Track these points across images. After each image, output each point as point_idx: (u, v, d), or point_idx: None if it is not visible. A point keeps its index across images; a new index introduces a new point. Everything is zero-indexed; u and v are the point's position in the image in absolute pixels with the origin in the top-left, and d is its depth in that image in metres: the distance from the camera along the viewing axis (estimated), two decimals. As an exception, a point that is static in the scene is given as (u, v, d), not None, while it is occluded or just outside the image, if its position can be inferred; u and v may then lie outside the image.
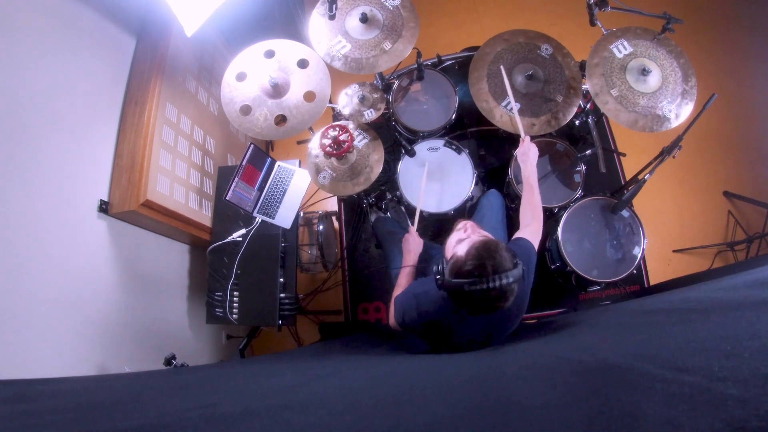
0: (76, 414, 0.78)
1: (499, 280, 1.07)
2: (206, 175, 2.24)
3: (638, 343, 0.84)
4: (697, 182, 2.69)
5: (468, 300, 1.12)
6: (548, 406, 0.61)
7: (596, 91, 1.70)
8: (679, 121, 1.66)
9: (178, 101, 2.04)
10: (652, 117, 1.66)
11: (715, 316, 0.82)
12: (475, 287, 1.08)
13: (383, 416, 0.69)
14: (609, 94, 1.69)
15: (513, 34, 1.92)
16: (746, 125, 2.77)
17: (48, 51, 1.54)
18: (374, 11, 1.79)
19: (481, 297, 1.09)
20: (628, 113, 1.67)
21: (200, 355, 2.35)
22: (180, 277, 2.25)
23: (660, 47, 1.72)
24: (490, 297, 1.09)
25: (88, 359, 1.60)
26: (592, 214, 1.92)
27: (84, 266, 1.63)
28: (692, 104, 1.68)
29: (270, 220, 2.10)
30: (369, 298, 2.64)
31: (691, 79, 1.69)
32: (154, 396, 0.95)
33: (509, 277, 1.08)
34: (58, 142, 1.56)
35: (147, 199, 1.74)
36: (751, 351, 0.56)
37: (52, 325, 1.47)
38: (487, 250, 1.12)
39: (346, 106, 1.94)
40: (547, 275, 2.17)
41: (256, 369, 1.38)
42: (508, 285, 1.08)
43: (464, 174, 2.00)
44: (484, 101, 1.84)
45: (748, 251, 2.48)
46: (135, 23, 2.00)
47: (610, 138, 2.69)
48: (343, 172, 1.91)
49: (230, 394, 0.95)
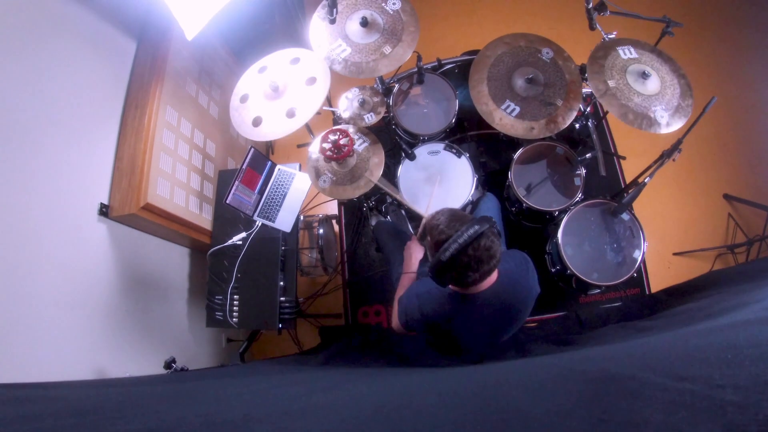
0: (76, 419, 0.78)
1: (464, 234, 1.09)
2: (206, 178, 2.25)
3: (640, 353, 0.84)
4: (697, 185, 2.69)
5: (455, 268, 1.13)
6: (549, 413, 0.60)
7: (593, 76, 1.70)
8: (668, 128, 1.65)
9: (178, 105, 2.05)
10: (643, 115, 1.66)
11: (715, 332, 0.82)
12: (448, 252, 1.09)
13: (384, 423, 0.69)
14: (605, 82, 1.69)
15: (514, 37, 1.92)
16: (746, 128, 2.77)
17: (49, 54, 1.54)
18: (374, 15, 1.80)
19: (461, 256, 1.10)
20: (621, 104, 1.67)
21: (200, 359, 2.35)
22: (180, 280, 2.25)
23: (664, 63, 1.72)
24: (469, 253, 1.10)
25: (88, 362, 1.60)
26: (592, 217, 1.92)
27: (84, 269, 1.63)
28: (684, 120, 1.66)
29: (270, 223, 2.10)
30: (369, 301, 2.63)
31: (688, 100, 1.68)
32: (155, 401, 0.95)
33: (474, 226, 1.10)
34: (58, 146, 1.56)
35: (147, 202, 1.74)
36: (752, 359, 0.57)
37: (53, 328, 1.47)
38: (442, 218, 1.18)
39: (347, 110, 1.94)
40: (548, 279, 2.17)
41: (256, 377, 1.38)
42: (476, 232, 1.09)
43: (464, 178, 2.00)
44: (484, 104, 1.84)
45: (748, 254, 2.48)
46: (135, 27, 2.01)
47: (610, 141, 2.69)
48: (343, 175, 1.91)
49: (230, 401, 0.95)
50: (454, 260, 1.10)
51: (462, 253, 1.10)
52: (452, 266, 1.12)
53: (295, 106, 1.82)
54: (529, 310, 1.32)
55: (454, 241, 1.09)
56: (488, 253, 1.12)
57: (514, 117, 1.81)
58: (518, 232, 2.28)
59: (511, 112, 1.81)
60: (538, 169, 2.04)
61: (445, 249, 1.10)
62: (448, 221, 1.16)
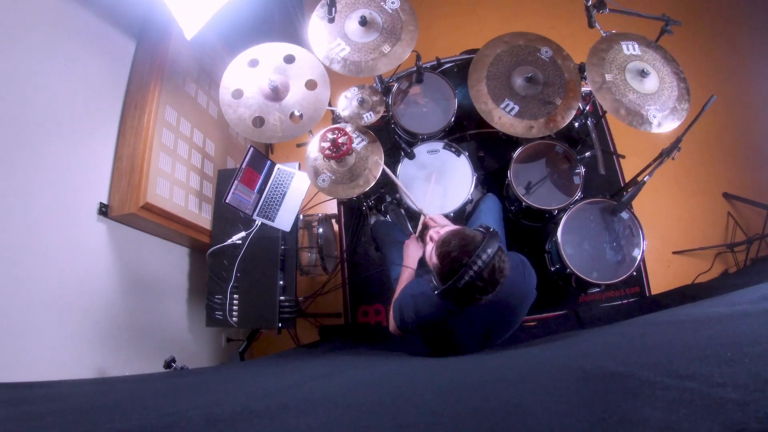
0: (76, 416, 0.78)
1: (479, 259, 1.08)
2: (206, 178, 2.24)
3: (639, 351, 0.84)
4: (696, 184, 2.69)
5: (470, 293, 1.11)
6: (549, 411, 0.61)
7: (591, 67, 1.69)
8: (660, 129, 1.64)
9: (177, 104, 2.04)
10: (635, 113, 1.66)
11: (716, 326, 0.82)
12: (464, 279, 1.08)
13: (383, 416, 0.69)
14: (603, 75, 1.69)
15: (513, 36, 1.92)
16: (745, 127, 2.77)
17: (48, 54, 1.54)
18: (373, 14, 1.80)
19: (478, 281, 1.09)
20: (614, 99, 1.67)
21: (200, 358, 2.35)
22: (179, 280, 2.24)
23: (667, 64, 1.72)
24: (484, 277, 1.09)
25: (88, 362, 1.60)
26: (591, 216, 1.92)
27: (84, 269, 1.63)
28: (677, 122, 1.66)
29: (270, 223, 2.10)
30: (369, 300, 2.64)
31: (685, 104, 1.68)
32: (154, 397, 0.95)
33: (486, 250, 1.09)
34: (58, 145, 1.56)
35: (147, 202, 1.74)
36: (752, 357, 0.57)
37: (52, 328, 1.47)
38: (453, 242, 1.14)
39: (346, 109, 1.94)
40: (547, 277, 2.17)
41: (255, 370, 1.38)
42: (490, 257, 1.08)
43: (464, 176, 2.00)
44: (483, 103, 1.84)
45: (748, 252, 2.48)
46: (135, 26, 2.01)
47: (610, 140, 2.69)
48: (342, 174, 1.91)
49: (230, 395, 0.95)
50: (470, 286, 1.09)
51: (478, 279, 1.09)
52: (468, 291, 1.11)
53: (296, 110, 1.81)
54: (524, 312, 1.32)
55: (470, 268, 1.08)
56: (501, 274, 1.12)
57: (514, 116, 1.81)
58: (518, 231, 2.28)
59: (511, 111, 1.81)
60: (537, 168, 2.05)
61: (460, 276, 1.09)
62: (459, 246, 1.13)
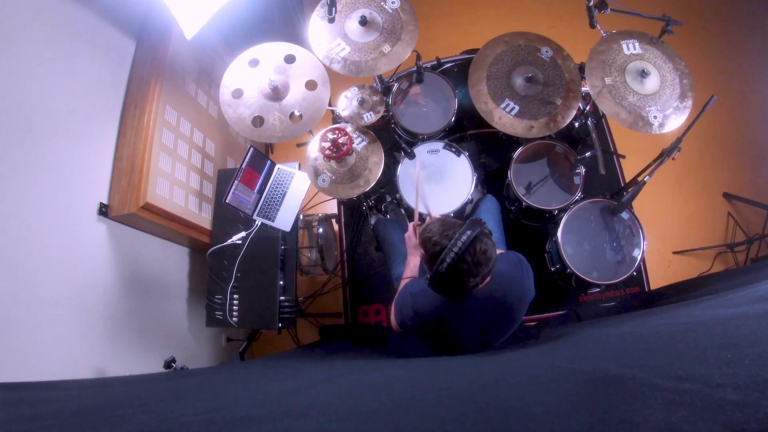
0: (76, 418, 0.78)
1: (459, 241, 1.09)
2: (206, 177, 2.24)
3: (639, 353, 0.84)
4: (696, 184, 2.69)
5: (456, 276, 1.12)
6: (549, 413, 0.61)
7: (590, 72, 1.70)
8: (661, 130, 1.64)
9: (177, 104, 2.04)
10: (635, 116, 1.65)
11: (716, 327, 0.82)
12: (446, 262, 1.10)
13: (384, 421, 0.69)
14: (602, 79, 1.69)
15: (513, 36, 1.92)
16: (746, 126, 2.77)
17: (48, 54, 1.54)
18: (373, 14, 1.79)
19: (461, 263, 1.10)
20: (614, 103, 1.67)
21: (200, 358, 2.35)
22: (180, 280, 2.24)
23: (668, 61, 1.71)
24: (466, 259, 1.10)
25: (88, 362, 1.60)
26: (591, 216, 1.92)
27: (84, 269, 1.63)
28: (679, 122, 1.65)
29: (270, 222, 2.10)
30: (369, 300, 2.64)
31: (687, 101, 1.68)
32: (155, 400, 0.95)
33: (466, 231, 1.10)
34: (58, 145, 1.56)
35: (147, 202, 1.74)
36: (752, 357, 0.57)
37: (52, 327, 1.47)
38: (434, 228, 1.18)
39: (346, 109, 1.94)
40: (547, 277, 2.17)
41: (256, 373, 1.38)
42: (469, 237, 1.10)
43: (464, 176, 2.00)
44: (483, 103, 1.84)
45: (748, 252, 2.48)
46: (135, 26, 2.00)
47: (610, 140, 2.69)
48: (342, 174, 1.91)
49: (230, 400, 0.95)
50: (453, 269, 1.11)
51: (460, 261, 1.10)
52: (452, 275, 1.12)
53: (296, 110, 1.82)
54: (523, 311, 1.31)
55: (450, 251, 1.09)
56: (485, 256, 1.12)
57: (514, 116, 1.81)
58: (518, 231, 2.29)
59: (511, 110, 1.81)
60: (537, 168, 2.05)
61: (442, 260, 1.10)
62: (440, 231, 1.16)
